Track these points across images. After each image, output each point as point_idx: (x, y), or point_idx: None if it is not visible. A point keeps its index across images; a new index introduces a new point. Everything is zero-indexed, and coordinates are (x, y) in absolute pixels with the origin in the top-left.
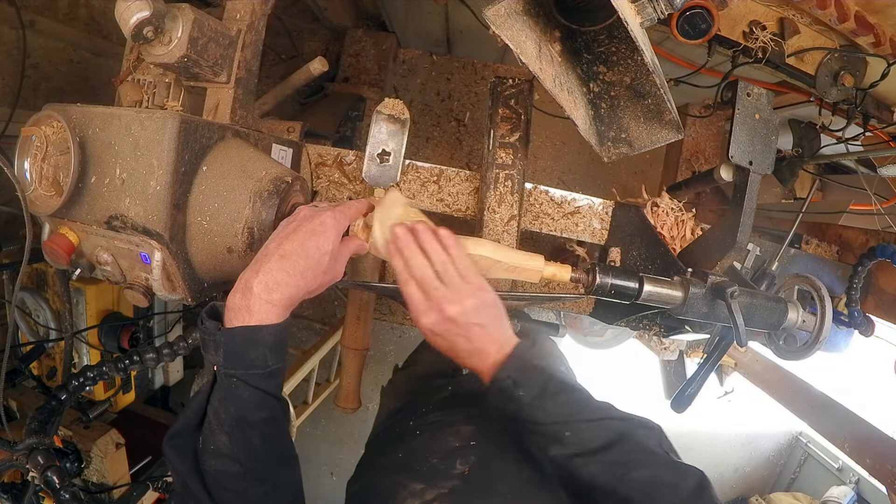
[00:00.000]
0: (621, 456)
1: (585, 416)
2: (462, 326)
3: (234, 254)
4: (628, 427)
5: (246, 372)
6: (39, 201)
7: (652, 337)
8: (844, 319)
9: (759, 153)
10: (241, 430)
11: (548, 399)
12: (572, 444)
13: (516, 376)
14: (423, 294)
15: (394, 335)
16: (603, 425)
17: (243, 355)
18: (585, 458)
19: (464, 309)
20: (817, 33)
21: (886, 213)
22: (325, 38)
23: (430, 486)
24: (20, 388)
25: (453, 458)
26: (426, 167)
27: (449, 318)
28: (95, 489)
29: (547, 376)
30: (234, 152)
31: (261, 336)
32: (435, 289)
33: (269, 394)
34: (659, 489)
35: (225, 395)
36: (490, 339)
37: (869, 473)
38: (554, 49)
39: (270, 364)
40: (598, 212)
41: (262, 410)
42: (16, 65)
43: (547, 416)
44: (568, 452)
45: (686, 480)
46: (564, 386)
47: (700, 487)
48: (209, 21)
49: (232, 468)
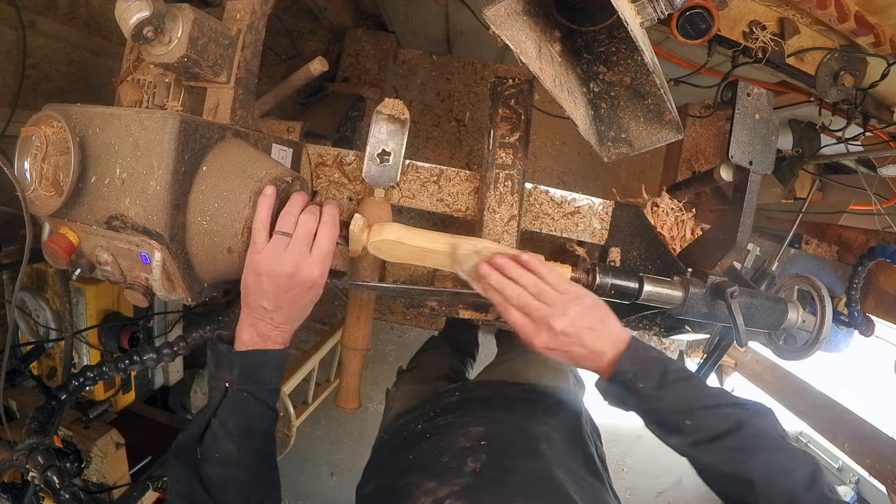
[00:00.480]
0: (740, 443)
1: (704, 404)
2: (573, 336)
3: (234, 254)
4: (745, 413)
5: (256, 388)
6: (39, 201)
7: (652, 337)
8: (844, 319)
9: (759, 153)
10: (250, 440)
11: (667, 389)
12: (692, 432)
13: (635, 370)
14: (527, 318)
15: (394, 335)
16: (720, 412)
17: (255, 374)
18: (706, 445)
19: (570, 320)
20: (817, 33)
21: (886, 213)
22: (325, 38)
23: (442, 483)
24: (20, 388)
25: (464, 457)
26: (426, 167)
27: (560, 333)
28: (95, 489)
29: (664, 366)
30: (234, 152)
31: (270, 358)
32: (536, 309)
33: (271, 407)
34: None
35: (236, 407)
36: (603, 340)
37: (869, 473)
38: (554, 49)
39: (274, 382)
40: (598, 212)
41: (265, 421)
42: (16, 65)
43: (667, 406)
44: (689, 441)
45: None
46: (681, 374)
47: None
48: (209, 21)
49: (236, 474)
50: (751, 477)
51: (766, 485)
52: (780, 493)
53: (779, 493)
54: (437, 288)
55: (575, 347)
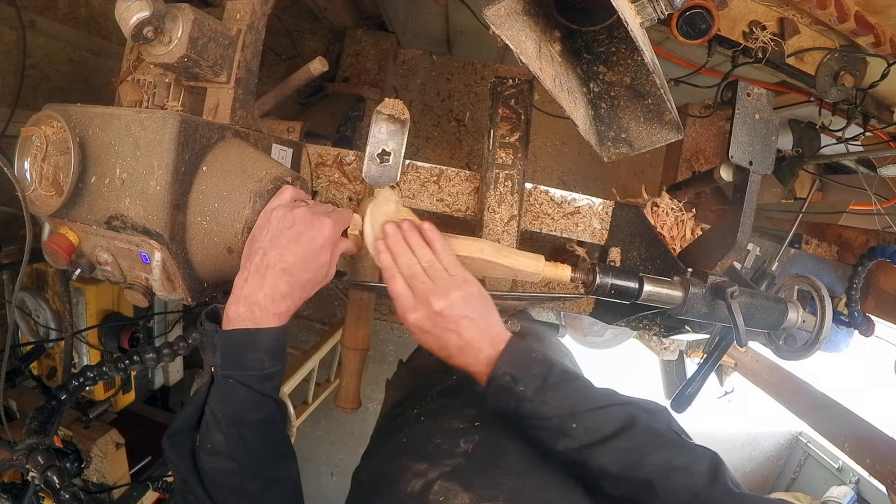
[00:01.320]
0: (632, 442)
1: (590, 405)
2: (450, 320)
3: (234, 254)
4: (635, 411)
5: (242, 373)
6: (39, 201)
7: (652, 337)
8: (844, 319)
9: (759, 153)
10: (238, 430)
11: (549, 391)
12: (580, 435)
13: (514, 371)
14: (409, 290)
15: (394, 335)
16: (609, 412)
17: (240, 358)
18: (596, 447)
19: (450, 302)
20: (817, 33)
21: (886, 213)
22: (325, 38)
23: (433, 465)
24: (20, 388)
25: (457, 438)
26: (426, 167)
27: (436, 312)
28: (95, 489)
29: (546, 367)
30: (234, 152)
31: (258, 340)
32: (423, 283)
33: (266, 395)
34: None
35: (221, 395)
36: (480, 333)
37: (869, 473)
38: (554, 49)
39: (267, 367)
40: (598, 212)
41: (257, 411)
42: (16, 65)
43: (550, 410)
44: (577, 444)
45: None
46: (565, 376)
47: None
48: (209, 21)
49: (227, 465)
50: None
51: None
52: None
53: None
54: None
55: (449, 334)
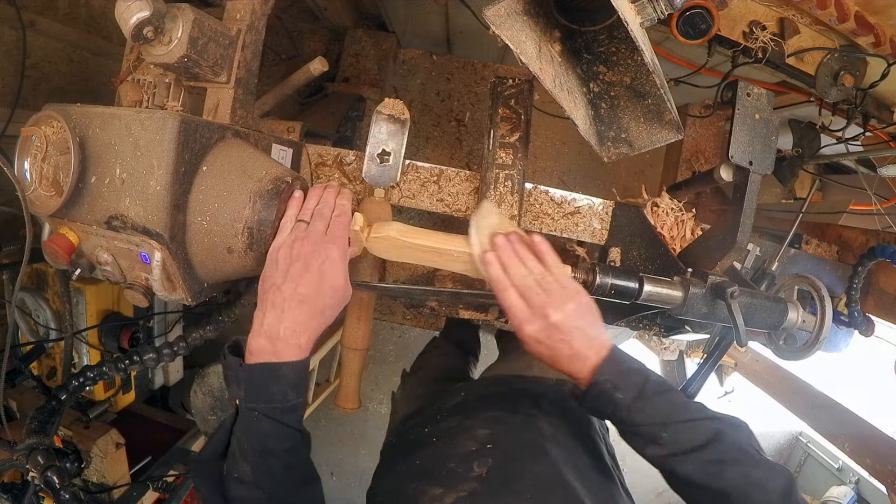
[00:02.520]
0: (716, 455)
1: (681, 417)
2: (564, 331)
3: (234, 254)
4: (721, 426)
5: (267, 406)
6: (39, 201)
7: (652, 337)
8: (844, 319)
9: (759, 153)
10: (264, 460)
11: (645, 401)
12: (669, 444)
13: (615, 379)
14: (523, 302)
15: (394, 335)
16: (698, 426)
17: (264, 391)
18: (682, 457)
19: (566, 313)
20: (817, 33)
21: (886, 213)
22: (325, 38)
23: (448, 490)
24: (20, 388)
25: (470, 462)
26: (426, 167)
27: (553, 324)
28: (95, 489)
29: (644, 378)
30: (234, 152)
31: (281, 373)
32: (537, 294)
33: (291, 427)
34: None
35: (247, 426)
36: (588, 342)
37: (869, 473)
38: (554, 49)
39: (291, 399)
40: (598, 212)
41: (283, 442)
42: (16, 65)
43: (644, 418)
44: (665, 452)
45: (776, 479)
46: (660, 387)
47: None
48: (209, 21)
49: (255, 494)
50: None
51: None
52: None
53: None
54: (437, 288)
55: (562, 345)
